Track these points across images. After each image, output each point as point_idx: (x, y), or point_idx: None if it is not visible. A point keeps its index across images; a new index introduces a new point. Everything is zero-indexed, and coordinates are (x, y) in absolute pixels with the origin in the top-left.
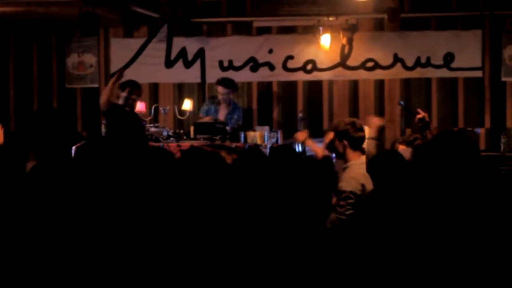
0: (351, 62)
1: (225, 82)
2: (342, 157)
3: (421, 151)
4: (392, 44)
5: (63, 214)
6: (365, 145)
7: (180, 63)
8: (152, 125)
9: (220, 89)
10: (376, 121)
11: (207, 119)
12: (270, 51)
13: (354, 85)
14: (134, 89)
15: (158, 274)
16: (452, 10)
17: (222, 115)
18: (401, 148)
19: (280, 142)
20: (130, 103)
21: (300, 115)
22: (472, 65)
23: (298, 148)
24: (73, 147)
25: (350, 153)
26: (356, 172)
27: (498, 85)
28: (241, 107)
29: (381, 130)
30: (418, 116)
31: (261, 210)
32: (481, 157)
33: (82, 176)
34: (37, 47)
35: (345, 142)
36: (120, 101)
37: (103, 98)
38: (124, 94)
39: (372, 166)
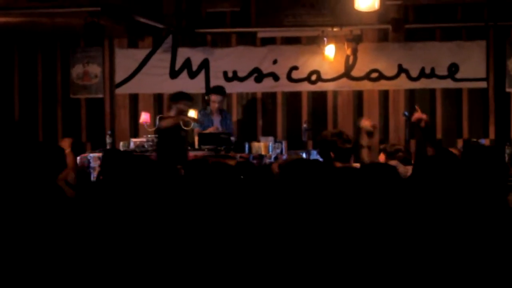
0: (355, 72)
1: (219, 90)
2: None
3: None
4: (397, 55)
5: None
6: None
7: (184, 74)
8: (156, 135)
9: (215, 97)
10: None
11: (211, 129)
12: (275, 62)
13: (359, 96)
14: (187, 101)
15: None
16: (456, 20)
17: (217, 124)
18: (382, 159)
19: (284, 153)
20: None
21: (304, 125)
22: (477, 75)
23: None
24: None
25: (338, 166)
26: None
27: (502, 96)
28: (229, 114)
29: (369, 135)
30: (417, 116)
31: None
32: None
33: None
34: (42, 58)
35: (332, 154)
36: (172, 112)
37: (168, 123)
38: (179, 106)
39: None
